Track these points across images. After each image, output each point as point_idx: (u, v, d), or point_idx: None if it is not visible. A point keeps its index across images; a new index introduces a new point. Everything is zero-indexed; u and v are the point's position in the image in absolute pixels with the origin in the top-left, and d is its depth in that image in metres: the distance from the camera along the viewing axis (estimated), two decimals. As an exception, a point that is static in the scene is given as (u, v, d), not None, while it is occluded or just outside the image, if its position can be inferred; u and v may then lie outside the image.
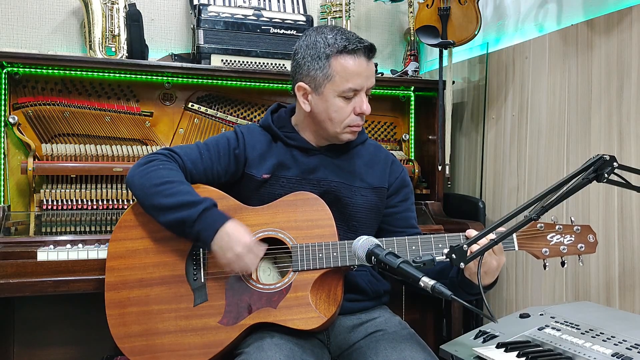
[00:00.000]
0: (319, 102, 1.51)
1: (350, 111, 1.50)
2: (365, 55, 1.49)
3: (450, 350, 1.44)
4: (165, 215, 1.43)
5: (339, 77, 1.47)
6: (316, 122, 1.54)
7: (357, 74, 1.47)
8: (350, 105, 1.50)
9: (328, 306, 1.41)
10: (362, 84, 1.49)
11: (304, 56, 1.51)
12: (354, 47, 1.47)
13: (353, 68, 1.47)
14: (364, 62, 1.48)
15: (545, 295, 2.13)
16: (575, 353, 1.29)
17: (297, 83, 1.53)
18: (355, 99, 1.50)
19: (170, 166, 1.51)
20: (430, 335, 2.43)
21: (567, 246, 1.37)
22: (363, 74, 1.48)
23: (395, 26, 2.98)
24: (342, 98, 1.49)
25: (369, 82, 1.50)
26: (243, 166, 1.58)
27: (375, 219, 1.63)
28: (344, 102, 1.49)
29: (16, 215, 2.01)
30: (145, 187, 1.46)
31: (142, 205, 1.49)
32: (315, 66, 1.49)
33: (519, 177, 2.30)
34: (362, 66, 1.48)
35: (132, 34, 2.32)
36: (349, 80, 1.47)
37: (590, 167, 1.20)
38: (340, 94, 1.48)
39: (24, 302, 2.08)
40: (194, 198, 1.43)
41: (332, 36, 1.49)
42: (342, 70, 1.47)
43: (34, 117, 2.09)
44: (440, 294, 1.10)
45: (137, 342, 1.45)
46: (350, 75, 1.47)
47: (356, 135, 1.57)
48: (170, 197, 1.43)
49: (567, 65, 2.06)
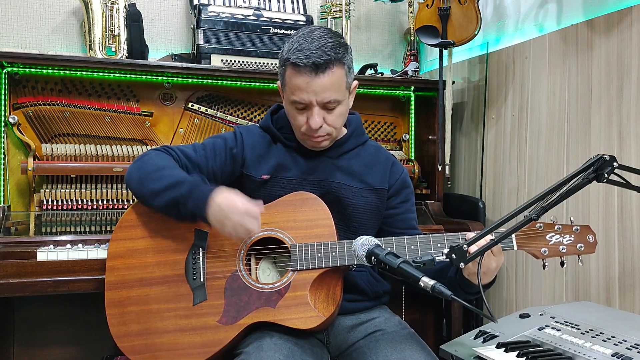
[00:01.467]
0: (285, 105, 1.54)
1: (304, 121, 1.48)
2: (310, 72, 1.40)
3: (450, 350, 1.44)
4: (159, 198, 1.44)
5: (288, 88, 1.47)
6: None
7: (300, 88, 1.43)
8: (304, 116, 1.48)
9: (327, 305, 1.41)
10: (307, 99, 1.43)
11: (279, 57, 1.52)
12: (296, 63, 1.41)
13: (296, 82, 1.43)
14: (307, 78, 1.41)
15: (545, 295, 2.13)
16: (575, 353, 1.29)
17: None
18: (307, 112, 1.47)
19: (163, 156, 1.52)
20: (430, 335, 2.43)
21: (566, 246, 1.37)
22: (306, 89, 1.42)
23: (395, 26, 2.98)
24: (293, 107, 1.48)
25: (318, 97, 1.43)
26: (241, 166, 1.58)
27: (376, 220, 1.62)
28: (296, 111, 1.48)
29: (16, 215, 2.01)
30: (142, 178, 1.47)
31: (140, 198, 1.50)
32: (279, 70, 1.51)
33: (519, 177, 2.30)
34: (304, 82, 1.41)
35: (132, 34, 2.32)
36: (294, 93, 1.45)
37: (590, 167, 1.20)
38: (291, 103, 1.48)
39: (24, 302, 2.08)
40: (182, 177, 1.44)
41: (291, 45, 1.45)
42: (289, 82, 1.46)
43: (34, 117, 2.09)
44: (440, 294, 1.10)
45: (136, 341, 1.45)
46: (294, 88, 1.44)
47: (323, 145, 1.54)
48: (161, 180, 1.44)
49: (567, 65, 2.06)
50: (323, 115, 1.47)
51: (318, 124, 1.46)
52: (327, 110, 1.46)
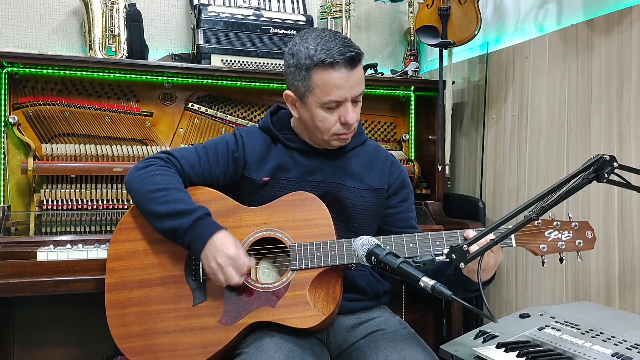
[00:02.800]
0: (304, 112, 1.49)
1: (336, 120, 1.46)
2: (347, 66, 1.41)
3: (450, 350, 1.44)
4: (160, 222, 1.44)
5: (320, 90, 1.42)
6: (306, 128, 1.54)
7: (338, 86, 1.42)
8: (335, 115, 1.46)
9: (326, 304, 1.41)
10: (344, 95, 1.43)
11: (289, 65, 1.48)
12: (332, 61, 1.40)
13: (333, 81, 1.41)
14: (345, 74, 1.41)
15: (545, 295, 2.13)
16: (575, 353, 1.29)
17: (285, 91, 1.52)
18: (339, 109, 1.45)
19: (167, 172, 1.50)
20: (430, 335, 2.43)
21: (565, 242, 1.36)
22: (344, 85, 1.42)
23: (395, 26, 2.98)
24: (324, 109, 1.45)
25: (353, 91, 1.44)
26: (242, 169, 1.58)
27: (375, 220, 1.62)
28: (327, 112, 1.45)
29: (16, 215, 2.01)
30: (142, 193, 1.47)
31: (139, 210, 1.50)
32: (297, 77, 1.45)
33: (519, 177, 2.30)
34: (342, 78, 1.41)
35: (132, 34, 2.32)
36: (330, 93, 1.42)
37: (590, 167, 1.20)
38: (322, 105, 1.44)
39: (24, 302, 2.08)
40: (187, 207, 1.43)
41: (314, 46, 1.42)
42: (322, 83, 1.42)
43: (34, 117, 2.09)
44: (440, 293, 1.10)
45: (136, 342, 1.45)
46: (330, 88, 1.42)
47: (347, 141, 1.55)
48: (164, 204, 1.43)
49: (567, 65, 2.06)
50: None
51: (354, 117, 1.46)
52: (354, 104, 1.48)
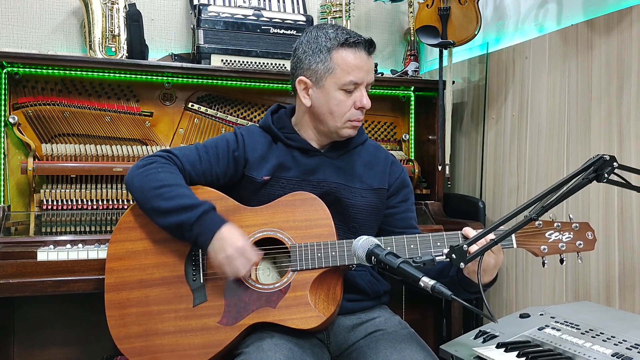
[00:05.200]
0: (320, 96, 1.53)
1: (351, 105, 1.52)
2: (365, 49, 1.51)
3: (450, 350, 1.44)
4: (165, 218, 1.44)
5: (340, 70, 1.49)
6: (317, 117, 1.55)
7: (358, 67, 1.50)
8: (351, 99, 1.52)
9: (327, 305, 1.41)
10: (362, 78, 1.51)
11: (305, 50, 1.54)
12: (355, 40, 1.50)
13: (354, 61, 1.49)
14: (364, 56, 1.51)
15: (545, 295, 2.13)
16: (575, 353, 1.29)
17: (298, 77, 1.55)
18: (355, 93, 1.52)
19: (169, 169, 1.51)
20: (430, 335, 2.43)
21: (565, 243, 1.37)
22: (364, 67, 1.51)
23: (395, 26, 2.98)
24: (342, 91, 1.51)
25: (368, 76, 1.53)
26: (243, 168, 1.58)
27: (376, 220, 1.62)
28: (344, 95, 1.51)
29: (16, 215, 2.01)
30: (145, 190, 1.46)
31: (142, 207, 1.49)
32: (316, 59, 1.51)
33: (519, 177, 2.30)
34: (362, 60, 1.50)
35: (132, 34, 2.32)
36: (350, 73, 1.49)
37: (590, 167, 1.20)
38: (341, 86, 1.50)
39: (24, 302, 2.08)
40: (192, 201, 1.43)
41: (333, 31, 1.52)
42: (343, 62, 1.49)
43: (34, 117, 2.09)
44: (440, 294, 1.10)
45: (136, 342, 1.45)
46: (351, 68, 1.49)
47: (356, 130, 1.58)
48: (170, 200, 1.43)
49: (567, 65, 2.06)
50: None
51: (369, 102, 1.53)
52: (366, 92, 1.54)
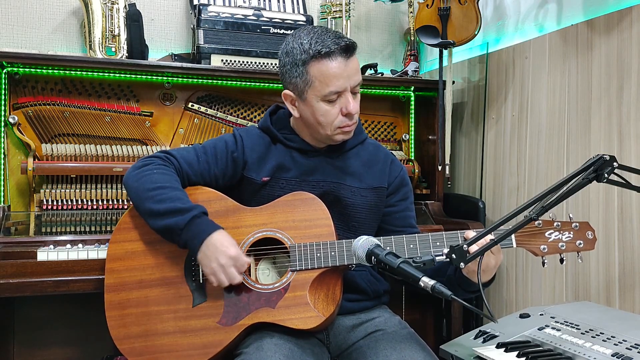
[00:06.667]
0: (305, 108, 1.50)
1: (337, 113, 1.47)
2: (342, 55, 1.43)
3: (450, 350, 1.44)
4: (155, 220, 1.44)
5: (319, 82, 1.43)
6: (308, 126, 1.54)
7: (336, 76, 1.43)
8: (336, 107, 1.46)
9: (327, 305, 1.41)
10: (343, 85, 1.44)
11: (285, 64, 1.49)
12: (328, 50, 1.41)
13: (331, 71, 1.42)
14: (342, 62, 1.43)
15: (545, 295, 2.13)
16: (575, 353, 1.29)
17: (283, 91, 1.53)
18: (340, 100, 1.46)
19: (165, 170, 1.50)
20: (430, 335, 2.43)
21: (565, 243, 1.36)
22: (343, 74, 1.43)
23: (395, 26, 2.98)
24: (326, 102, 1.45)
25: (351, 81, 1.45)
26: (242, 169, 1.57)
27: (375, 219, 1.62)
28: (329, 105, 1.46)
29: (16, 215, 2.01)
30: (139, 191, 1.46)
31: (136, 208, 1.50)
32: (294, 74, 1.46)
33: (519, 177, 2.30)
34: (340, 67, 1.43)
35: (132, 34, 2.32)
36: (329, 84, 1.43)
37: (590, 167, 1.20)
38: (323, 98, 1.45)
39: (24, 302, 2.08)
40: (183, 205, 1.42)
41: (307, 41, 1.44)
42: (320, 75, 1.43)
43: (34, 117, 2.09)
44: (440, 293, 1.10)
45: (136, 343, 1.45)
46: (329, 78, 1.43)
47: (350, 134, 1.54)
48: (161, 203, 1.42)
49: (567, 65, 2.06)
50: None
51: (356, 107, 1.48)
52: (353, 95, 1.49)
